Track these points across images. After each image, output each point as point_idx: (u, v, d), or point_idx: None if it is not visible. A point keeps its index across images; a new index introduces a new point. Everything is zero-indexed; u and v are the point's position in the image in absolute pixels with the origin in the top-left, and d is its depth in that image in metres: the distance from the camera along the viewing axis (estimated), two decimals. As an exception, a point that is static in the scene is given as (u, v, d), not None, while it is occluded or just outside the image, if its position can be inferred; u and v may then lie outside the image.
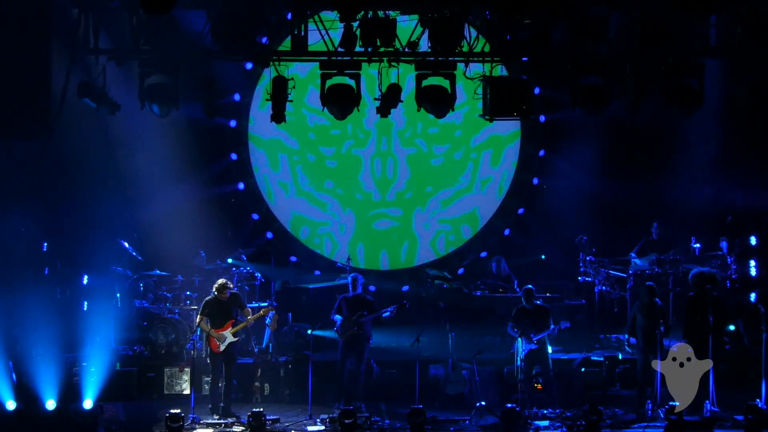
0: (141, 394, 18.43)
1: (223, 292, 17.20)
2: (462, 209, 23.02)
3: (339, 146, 22.76)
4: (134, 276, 20.25)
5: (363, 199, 22.86)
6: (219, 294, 17.21)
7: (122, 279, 20.06)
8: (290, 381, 18.73)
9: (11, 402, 15.99)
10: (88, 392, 16.49)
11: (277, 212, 22.84)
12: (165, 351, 19.25)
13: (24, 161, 18.79)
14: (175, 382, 18.61)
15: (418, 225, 22.95)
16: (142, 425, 16.58)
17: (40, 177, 19.34)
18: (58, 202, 19.88)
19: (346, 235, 22.90)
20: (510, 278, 21.01)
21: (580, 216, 21.95)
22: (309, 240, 22.91)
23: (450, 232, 23.09)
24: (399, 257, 23.02)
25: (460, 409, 17.50)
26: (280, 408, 17.75)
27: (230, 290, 17.38)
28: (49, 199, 19.77)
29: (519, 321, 17.62)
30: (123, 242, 20.34)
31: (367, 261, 22.84)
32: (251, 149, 22.69)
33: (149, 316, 19.75)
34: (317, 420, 16.80)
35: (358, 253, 22.76)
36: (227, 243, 21.39)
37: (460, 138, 22.87)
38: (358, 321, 17.67)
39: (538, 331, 17.49)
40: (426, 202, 22.93)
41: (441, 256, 22.99)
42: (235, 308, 17.36)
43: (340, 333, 17.82)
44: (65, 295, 19.76)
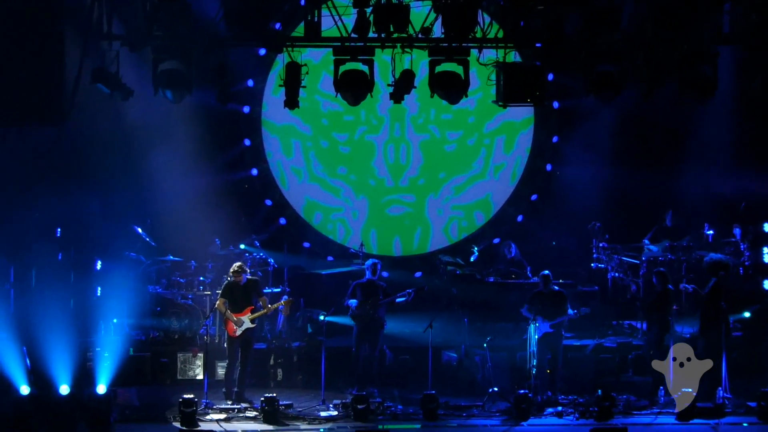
0: (154, 379, 18.46)
1: (238, 276, 17.16)
2: (475, 195, 22.94)
3: (352, 132, 22.69)
4: (148, 262, 20.24)
5: (376, 185, 22.80)
6: (234, 277, 17.20)
7: (136, 264, 20.05)
8: (303, 366, 18.77)
9: (25, 387, 16.03)
10: (101, 377, 16.48)
11: (290, 198, 22.79)
12: (178, 336, 19.27)
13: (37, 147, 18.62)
14: (188, 367, 18.65)
15: (430, 211, 22.88)
16: (156, 410, 16.59)
17: (54, 163, 19.09)
18: (71, 188, 19.69)
19: (359, 221, 22.83)
20: (521, 263, 20.95)
21: (593, 202, 21.87)
22: (322, 226, 22.85)
23: (463, 219, 23.02)
24: (412, 243, 22.96)
25: (473, 394, 17.50)
26: (293, 393, 17.74)
27: (246, 274, 17.36)
28: (63, 185, 19.54)
29: (535, 305, 17.59)
30: (136, 228, 20.35)
31: (380, 247, 22.77)
32: (264, 135, 22.64)
33: (163, 301, 19.73)
34: (330, 405, 16.77)
35: (370, 239, 22.70)
36: (240, 229, 21.38)
37: (473, 124, 22.77)
38: (375, 304, 17.65)
39: (555, 316, 17.42)
40: (439, 189, 22.86)
41: (454, 242, 22.92)
42: (255, 295, 17.32)
43: (354, 318, 17.81)
44: (79, 280, 19.61)
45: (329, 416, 16.43)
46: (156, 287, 20.04)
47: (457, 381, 18.31)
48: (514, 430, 15.94)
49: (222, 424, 16.00)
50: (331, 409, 16.67)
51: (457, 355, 18.72)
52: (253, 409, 16.55)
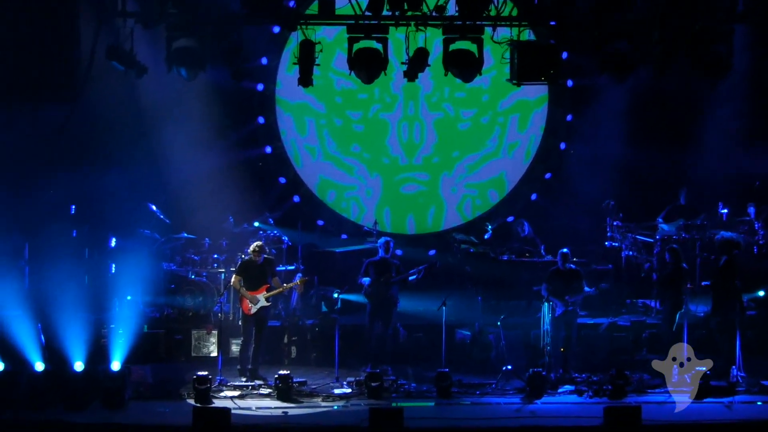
0: (168, 357, 18.46)
1: (257, 255, 17.20)
2: (489, 174, 22.86)
3: (366, 110, 22.60)
4: (162, 239, 20.21)
5: (390, 163, 22.72)
6: (253, 256, 17.22)
7: (150, 242, 20.01)
8: (317, 344, 18.78)
9: (39, 363, 16.03)
10: (115, 354, 16.44)
11: (304, 176, 22.74)
12: (192, 313, 19.27)
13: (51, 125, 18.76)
14: (202, 345, 18.62)
15: (444, 189, 22.82)
16: (170, 387, 16.60)
17: (68, 140, 19.27)
18: (85, 166, 19.84)
19: (373, 199, 22.79)
20: (535, 242, 20.89)
21: (607, 181, 21.77)
22: (336, 204, 22.81)
23: (477, 197, 22.95)
24: (425, 221, 22.90)
25: (486, 373, 17.46)
26: (306, 371, 17.73)
27: (264, 255, 17.43)
28: (77, 163, 19.73)
29: (553, 283, 17.54)
30: (151, 205, 20.29)
31: (394, 225, 22.72)
32: (278, 113, 22.57)
33: (177, 278, 19.73)
34: (344, 383, 16.77)
35: (384, 217, 22.65)
36: (254, 206, 21.35)
37: (487, 102, 22.68)
38: (388, 281, 17.62)
39: (572, 293, 17.35)
40: (453, 167, 22.77)
41: (468, 220, 22.85)
42: (270, 274, 17.34)
43: (367, 296, 17.79)
44: (93, 257, 19.71)
45: (343, 394, 16.41)
46: (170, 264, 20.01)
47: (470, 359, 18.28)
48: (528, 408, 15.85)
49: (236, 401, 16.00)
50: (345, 386, 16.66)
51: (470, 333, 18.67)
52: (267, 386, 16.55)
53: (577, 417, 15.19)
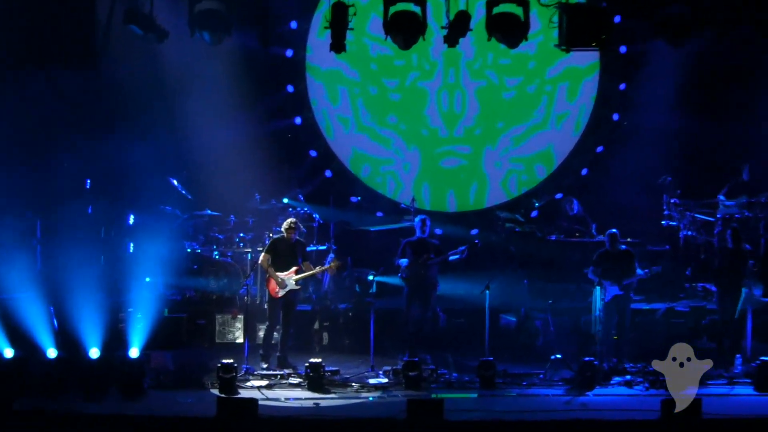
0: (190, 343, 18.37)
1: (290, 232, 17.11)
2: (535, 147, 22.64)
3: (403, 78, 22.45)
4: (184, 216, 20.20)
5: (429, 135, 22.53)
6: (286, 234, 17.12)
7: (171, 219, 20.03)
8: (350, 330, 18.76)
9: (52, 350, 15.97)
10: (134, 340, 16.37)
11: (336, 149, 22.62)
12: (216, 296, 19.27)
13: (66, 93, 18.88)
14: (227, 330, 18.57)
15: (487, 164, 22.60)
16: (192, 375, 16.48)
17: (84, 110, 19.44)
18: (103, 137, 19.80)
19: (411, 174, 22.63)
20: (585, 221, 20.73)
21: (663, 155, 21.54)
22: (370, 179, 22.68)
23: (522, 172, 22.74)
24: (467, 198, 22.72)
25: (533, 362, 17.31)
26: (339, 359, 17.66)
27: (298, 231, 17.41)
28: (94, 134, 19.70)
29: (601, 266, 17.34)
30: (172, 180, 20.29)
31: (433, 202, 22.58)
32: (309, 81, 22.44)
33: (200, 259, 19.74)
34: (380, 372, 16.61)
35: (423, 193, 22.49)
36: (283, 182, 21.34)
37: (533, 70, 22.44)
38: (425, 264, 17.50)
39: (623, 277, 17.15)
40: (496, 139, 22.55)
41: (513, 197, 22.68)
42: (301, 255, 17.25)
43: (405, 277, 17.65)
44: (110, 235, 19.73)
45: (378, 383, 16.24)
46: (192, 244, 20.00)
47: (516, 347, 18.18)
48: (578, 400, 15.60)
49: (263, 391, 15.86)
50: (381, 376, 16.51)
51: (516, 319, 18.63)
52: (297, 375, 16.43)
53: (631, 410, 14.95)
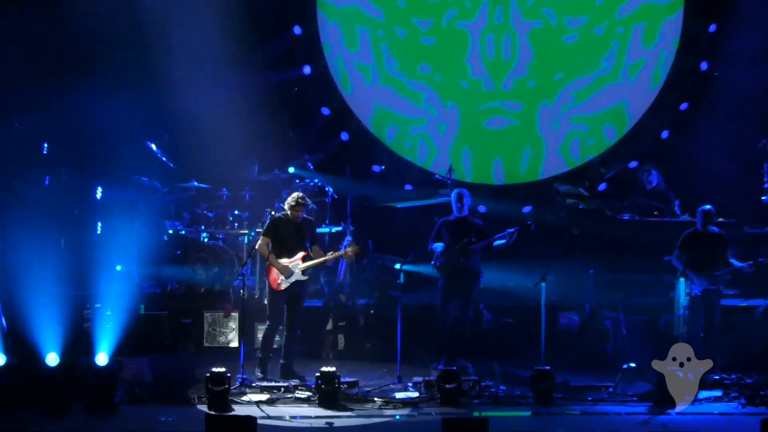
0: (173, 347, 18.46)
1: (296, 210, 16.94)
2: (604, 103, 22.72)
3: (438, 18, 22.55)
4: (164, 189, 20.31)
5: (470, 88, 22.62)
6: (292, 212, 16.97)
7: (149, 193, 20.12)
8: (372, 331, 18.81)
9: (0, 356, 15.94)
10: (102, 343, 16.28)
11: (354, 106, 22.74)
12: (205, 289, 19.36)
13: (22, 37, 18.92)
14: (218, 331, 18.64)
15: (543, 124, 22.71)
16: (174, 387, 16.39)
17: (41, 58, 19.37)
18: (65, 91, 19.89)
19: (448, 137, 22.72)
20: (666, 195, 20.78)
21: (763, 114, 21.63)
22: (397, 143, 22.81)
23: (587, 135, 22.78)
24: (518, 167, 22.81)
25: (601, 371, 17.29)
26: (358, 367, 17.73)
27: (306, 209, 17.21)
28: (54, 87, 19.78)
29: (688, 252, 17.38)
30: (150, 144, 20.35)
31: (476, 172, 22.69)
32: (320, 21, 22.59)
33: (184, 242, 19.82)
34: (409, 384, 16.54)
35: (462, 161, 22.58)
36: (288, 146, 21.48)
37: (601, 8, 22.56)
38: (464, 249, 17.45)
39: (715, 266, 17.17)
40: (555, 94, 22.66)
41: (575, 166, 22.75)
42: (309, 238, 17.14)
43: (439, 267, 17.61)
44: (72, 213, 19.76)
45: (407, 399, 16.13)
46: (175, 223, 20.08)
47: (579, 353, 18.15)
48: (658, 420, 15.46)
49: (263, 407, 15.74)
50: (411, 389, 16.42)
51: (579, 319, 18.65)
52: (306, 387, 16.34)
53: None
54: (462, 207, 17.77)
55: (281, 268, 16.86)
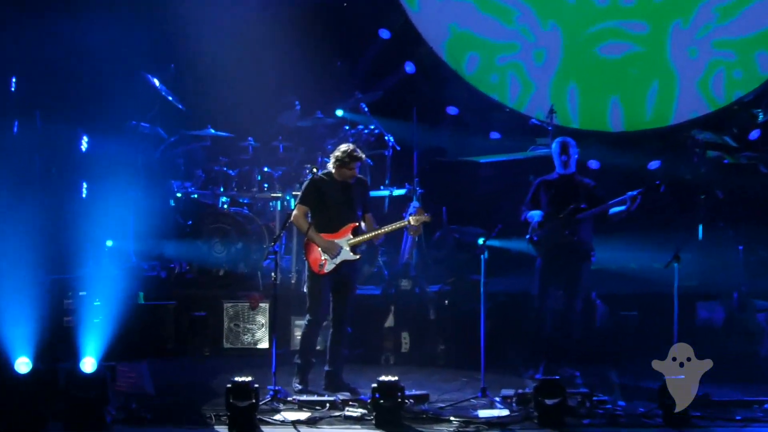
0: (182, 349, 18.60)
1: (346, 168, 16.73)
2: (757, 23, 22.59)
3: None
4: (171, 138, 20.43)
5: (577, 3, 22.71)
6: (339, 169, 16.77)
7: (150, 144, 20.28)
8: (447, 328, 18.77)
9: None
10: (88, 344, 16.11)
11: (422, 26, 22.86)
12: (225, 272, 19.46)
13: None
14: (242, 328, 18.74)
15: (676, 52, 22.71)
16: (184, 403, 16.40)
17: None
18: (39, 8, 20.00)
19: (547, 69, 22.83)
20: None
21: None
22: (479, 76, 22.88)
23: (734, 65, 22.73)
24: (642, 109, 22.79)
25: (753, 381, 17.14)
26: (428, 375, 17.74)
27: (358, 164, 16.90)
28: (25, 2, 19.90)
29: None
30: (151, 78, 20.42)
31: (585, 116, 22.76)
32: None
33: (197, 209, 20.03)
34: (496, 399, 16.35)
35: (567, 100, 22.62)
36: (335, 81, 21.69)
37: None
38: (570, 219, 17.36)
39: None
40: (691, 10, 22.64)
41: (718, 107, 22.63)
42: (360, 205, 17.00)
43: (537, 242, 17.53)
44: (49, 170, 19.90)
45: (494, 419, 15.91)
46: (185, 184, 20.23)
47: (724, 355, 17.61)
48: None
49: (302, 429, 15.66)
50: (499, 404, 16.24)
51: (724, 311, 18.54)
52: (359, 402, 16.19)
53: None
54: (567, 162, 17.62)
55: (325, 245, 16.72)
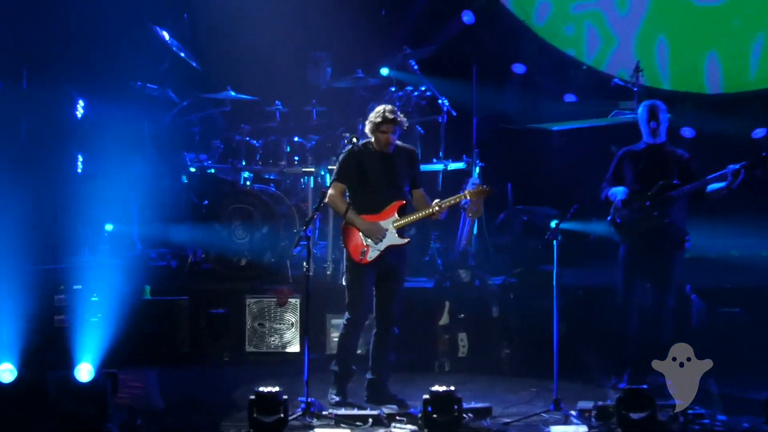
0: (197, 353, 18.64)
1: (383, 131, 16.57)
2: None
3: None
4: (183, 103, 20.50)
5: None
6: (376, 134, 16.63)
7: (158, 108, 20.38)
8: (512, 328, 18.74)
9: None
10: (84, 348, 16.14)
11: None
12: (248, 262, 19.51)
13: None
14: (268, 328, 18.75)
15: None
16: (199, 417, 16.45)
17: None
18: None
19: (632, 19, 22.74)
20: None
21: None
22: (551, 28, 22.93)
23: None
24: (746, 66, 22.66)
25: None
26: (490, 385, 17.72)
27: (399, 129, 16.72)
28: None
29: None
30: (160, 31, 20.47)
31: (676, 74, 22.65)
32: None
33: (214, 186, 20.14)
34: (572, 413, 16.26)
35: (656, 56, 22.53)
36: (379, 34, 21.83)
37: None
38: (661, 197, 17.23)
39: None
40: None
41: None
42: (407, 179, 16.87)
43: (620, 225, 17.44)
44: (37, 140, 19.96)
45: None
46: (200, 157, 20.30)
47: None
48: None
49: None
50: (575, 420, 16.18)
51: None
52: (407, 416, 16.23)
53: None
54: (657, 129, 17.51)
55: (366, 228, 16.62)
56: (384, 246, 16.52)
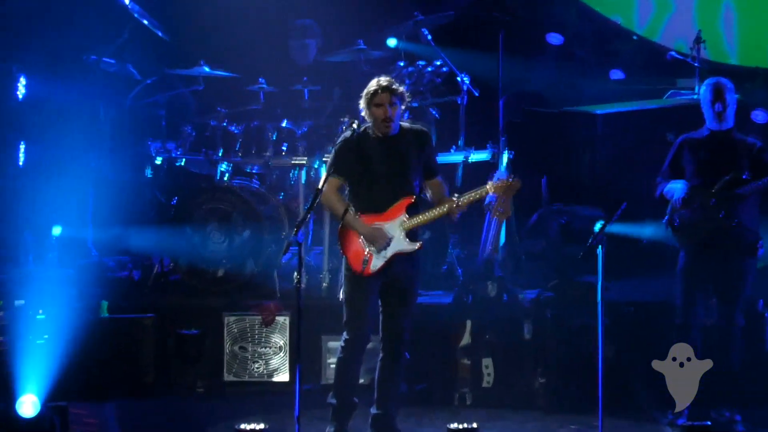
0: (165, 382, 18.49)
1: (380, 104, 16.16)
2: None
3: None
4: (147, 80, 20.37)
5: None
6: (373, 113, 16.26)
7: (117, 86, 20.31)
8: (547, 352, 18.53)
9: None
10: (28, 378, 16.13)
11: None
12: (226, 272, 19.37)
13: None
14: (252, 353, 18.67)
15: None
16: None
17: None
18: None
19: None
20: None
21: None
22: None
23: None
24: None
25: None
26: (522, 422, 17.63)
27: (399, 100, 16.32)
28: None
29: None
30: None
31: (745, 47, 22.61)
32: None
33: (185, 181, 20.03)
34: None
35: (721, 25, 22.51)
36: None
37: None
38: (728, 194, 17.12)
39: None
40: None
41: None
42: (418, 165, 16.58)
43: (679, 228, 17.30)
44: None
45: None
46: (168, 145, 20.14)
47: None
48: None
49: None
50: None
51: None
52: None
53: None
54: (722, 113, 17.40)
55: (368, 232, 16.40)
56: (390, 253, 16.25)
